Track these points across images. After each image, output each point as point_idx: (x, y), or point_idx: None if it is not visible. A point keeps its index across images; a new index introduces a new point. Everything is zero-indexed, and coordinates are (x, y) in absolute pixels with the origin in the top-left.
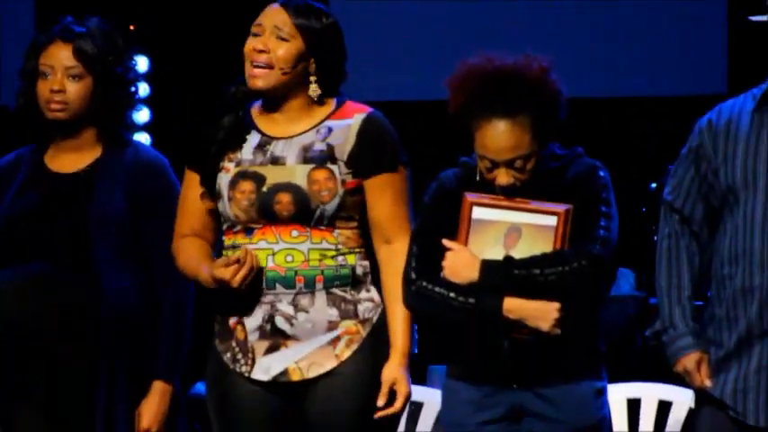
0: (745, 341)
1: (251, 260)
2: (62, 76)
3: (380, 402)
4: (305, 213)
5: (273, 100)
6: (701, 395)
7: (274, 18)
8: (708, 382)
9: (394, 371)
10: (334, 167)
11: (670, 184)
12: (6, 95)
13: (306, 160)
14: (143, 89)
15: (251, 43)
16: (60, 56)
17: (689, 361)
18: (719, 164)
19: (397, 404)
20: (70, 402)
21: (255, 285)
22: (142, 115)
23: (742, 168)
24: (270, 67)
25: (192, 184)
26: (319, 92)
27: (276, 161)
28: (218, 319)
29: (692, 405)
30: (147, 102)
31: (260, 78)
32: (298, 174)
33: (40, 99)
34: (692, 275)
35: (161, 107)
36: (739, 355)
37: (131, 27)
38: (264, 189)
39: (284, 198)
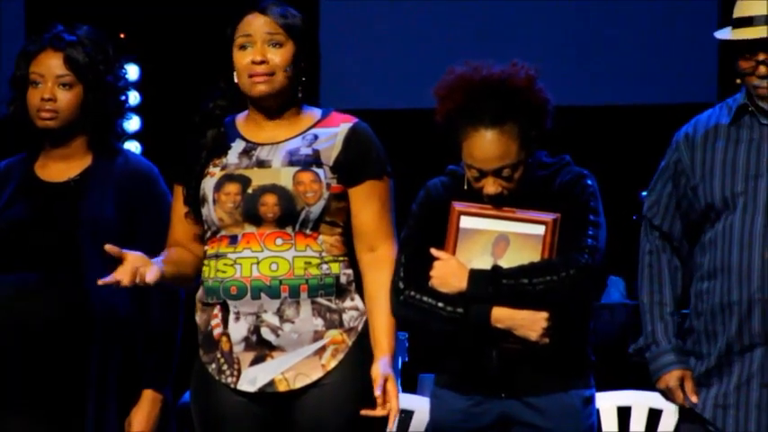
0: (725, 357)
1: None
2: (53, 85)
3: (378, 392)
4: (290, 215)
5: (267, 107)
6: (683, 408)
7: (262, 26)
8: (694, 399)
9: (385, 367)
10: (319, 171)
11: (649, 199)
12: None
13: (291, 163)
14: (133, 97)
15: (245, 56)
16: (51, 64)
17: (671, 378)
18: (698, 182)
19: (393, 402)
20: (60, 407)
21: None
22: (132, 124)
23: (720, 186)
24: (272, 74)
25: (178, 198)
26: (302, 92)
27: (262, 164)
28: (201, 329)
29: None
30: (137, 110)
31: (263, 83)
32: (283, 176)
33: (30, 107)
34: (674, 290)
35: (151, 115)
36: (720, 372)
37: (121, 35)
38: (250, 191)
39: (269, 200)
